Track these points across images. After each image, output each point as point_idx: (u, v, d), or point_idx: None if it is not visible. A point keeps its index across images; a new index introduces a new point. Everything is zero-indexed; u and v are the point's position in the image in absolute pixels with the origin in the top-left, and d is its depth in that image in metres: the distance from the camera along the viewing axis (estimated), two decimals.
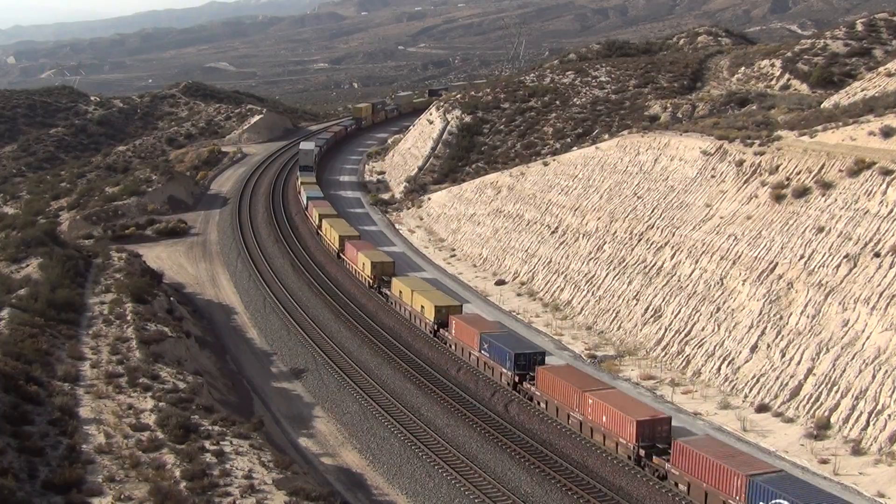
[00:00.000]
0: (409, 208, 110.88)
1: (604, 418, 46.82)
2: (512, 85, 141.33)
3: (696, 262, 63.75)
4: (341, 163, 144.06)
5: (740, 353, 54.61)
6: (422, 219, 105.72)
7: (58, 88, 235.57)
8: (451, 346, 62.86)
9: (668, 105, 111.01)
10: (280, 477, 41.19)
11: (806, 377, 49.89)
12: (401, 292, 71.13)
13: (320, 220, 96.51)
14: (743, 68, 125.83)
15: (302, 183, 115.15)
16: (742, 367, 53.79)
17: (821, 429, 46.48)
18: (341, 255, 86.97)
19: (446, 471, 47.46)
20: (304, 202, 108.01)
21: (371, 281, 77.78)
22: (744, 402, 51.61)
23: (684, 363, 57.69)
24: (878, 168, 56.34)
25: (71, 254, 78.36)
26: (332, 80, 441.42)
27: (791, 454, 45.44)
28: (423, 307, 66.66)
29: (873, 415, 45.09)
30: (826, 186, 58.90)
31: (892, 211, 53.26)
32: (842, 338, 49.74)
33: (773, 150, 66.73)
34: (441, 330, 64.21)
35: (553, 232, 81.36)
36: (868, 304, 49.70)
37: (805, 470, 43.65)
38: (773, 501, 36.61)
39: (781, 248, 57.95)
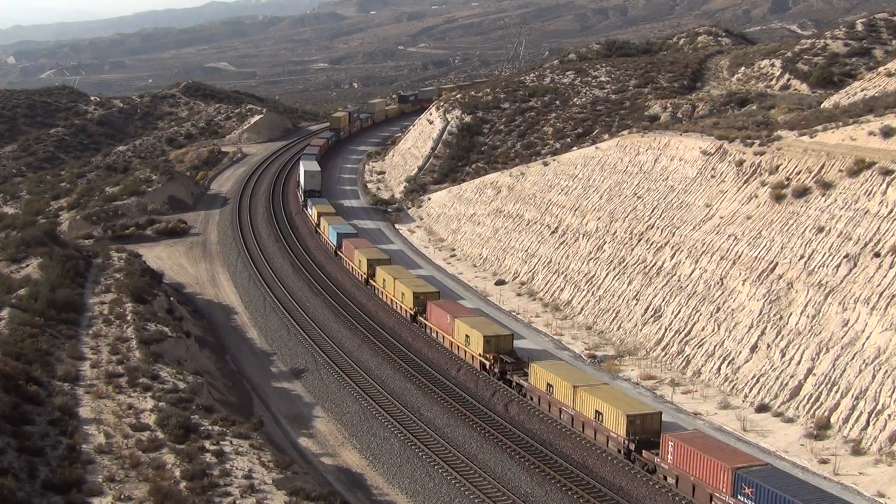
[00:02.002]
0: (409, 208, 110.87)
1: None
2: (512, 85, 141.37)
3: (696, 262, 63.75)
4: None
5: (740, 353, 54.61)
6: (422, 219, 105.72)
7: (58, 88, 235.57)
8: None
9: (668, 105, 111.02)
10: (280, 477, 41.21)
11: (806, 377, 49.90)
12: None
13: (370, 268, 78.15)
14: (743, 68, 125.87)
15: (320, 214, 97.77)
16: (742, 367, 53.79)
17: (821, 429, 46.48)
18: (425, 324, 66.95)
19: (446, 471, 47.47)
20: (332, 240, 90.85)
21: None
22: (744, 402, 51.61)
23: (684, 363, 57.69)
24: (878, 168, 56.34)
25: (71, 254, 78.38)
26: (332, 80, 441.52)
27: (791, 454, 45.44)
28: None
29: (873, 415, 45.09)
30: (826, 186, 58.89)
31: (892, 211, 53.26)
32: (842, 338, 49.73)
33: (773, 150, 66.73)
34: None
35: (553, 232, 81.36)
36: (868, 304, 49.70)
37: (805, 470, 43.66)
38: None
39: (781, 248, 57.95)
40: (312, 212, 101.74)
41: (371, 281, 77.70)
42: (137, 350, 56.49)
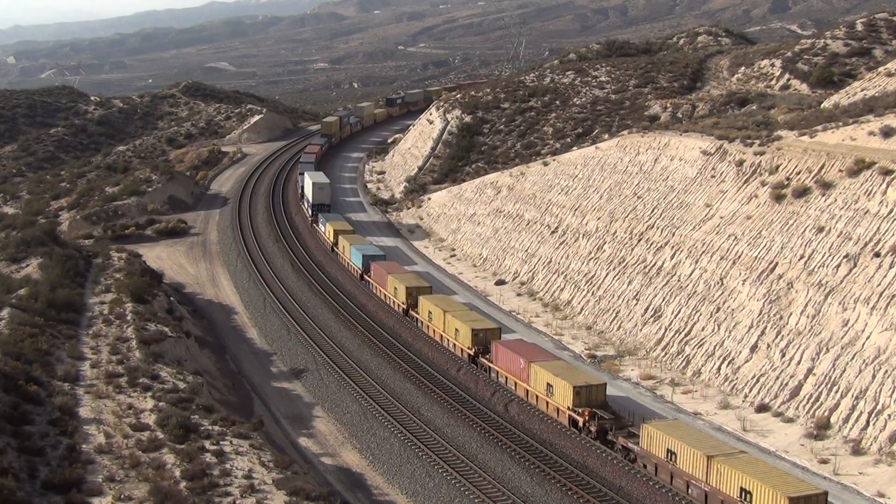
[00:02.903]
0: (409, 208, 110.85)
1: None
2: (512, 85, 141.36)
3: (696, 262, 63.74)
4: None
5: (740, 352, 54.61)
6: (422, 219, 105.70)
7: (58, 88, 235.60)
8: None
9: (668, 105, 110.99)
10: (280, 477, 41.20)
11: (806, 377, 49.90)
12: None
13: (410, 297, 68.50)
14: (743, 68, 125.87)
15: (337, 233, 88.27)
16: (742, 367, 53.78)
17: (821, 429, 46.49)
18: (488, 366, 57.83)
19: (446, 471, 47.46)
20: (356, 263, 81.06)
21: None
22: (744, 401, 51.61)
23: (684, 363, 57.69)
24: (878, 168, 56.34)
25: (71, 254, 78.38)
26: (332, 80, 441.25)
27: (791, 454, 45.45)
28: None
29: (873, 415, 45.10)
30: (826, 186, 58.89)
31: (892, 211, 53.26)
32: (842, 338, 49.74)
33: (773, 150, 66.72)
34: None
35: (553, 232, 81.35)
36: (868, 304, 49.70)
37: (805, 470, 43.67)
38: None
39: (781, 248, 57.95)
40: (326, 230, 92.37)
41: (412, 312, 67.54)
42: (137, 350, 56.49)
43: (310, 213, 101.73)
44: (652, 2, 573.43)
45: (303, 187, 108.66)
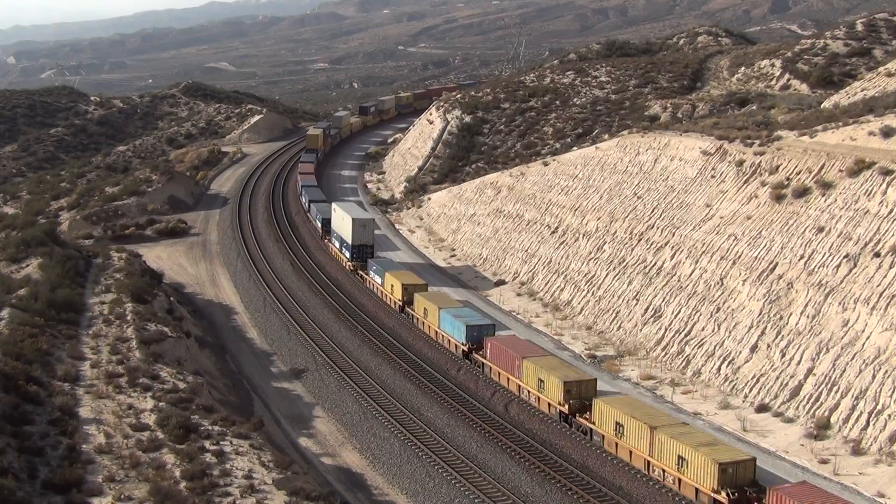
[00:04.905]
0: (409, 208, 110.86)
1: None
2: (512, 85, 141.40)
3: (696, 262, 63.75)
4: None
5: (740, 353, 54.61)
6: (422, 219, 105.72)
7: (58, 88, 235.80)
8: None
9: (668, 105, 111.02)
10: (280, 477, 41.20)
11: (806, 377, 49.89)
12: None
13: (569, 393, 49.52)
14: (743, 68, 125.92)
15: (411, 290, 69.70)
16: (742, 367, 53.79)
17: (821, 429, 46.47)
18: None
19: (446, 471, 47.47)
20: (458, 337, 61.00)
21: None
22: (744, 402, 51.61)
23: (684, 363, 57.69)
24: (878, 168, 56.34)
25: (71, 254, 78.34)
26: (332, 80, 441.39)
27: (791, 454, 45.44)
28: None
29: (873, 415, 45.08)
30: (826, 186, 58.89)
31: (892, 211, 53.25)
32: (842, 338, 49.73)
33: (773, 150, 66.73)
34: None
35: (553, 232, 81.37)
36: (868, 304, 49.69)
37: (805, 470, 43.67)
38: None
39: (781, 248, 57.95)
40: (388, 284, 73.04)
41: (581, 418, 49.04)
42: (137, 350, 56.48)
43: (348, 257, 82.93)
44: (652, 2, 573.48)
45: (326, 221, 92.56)
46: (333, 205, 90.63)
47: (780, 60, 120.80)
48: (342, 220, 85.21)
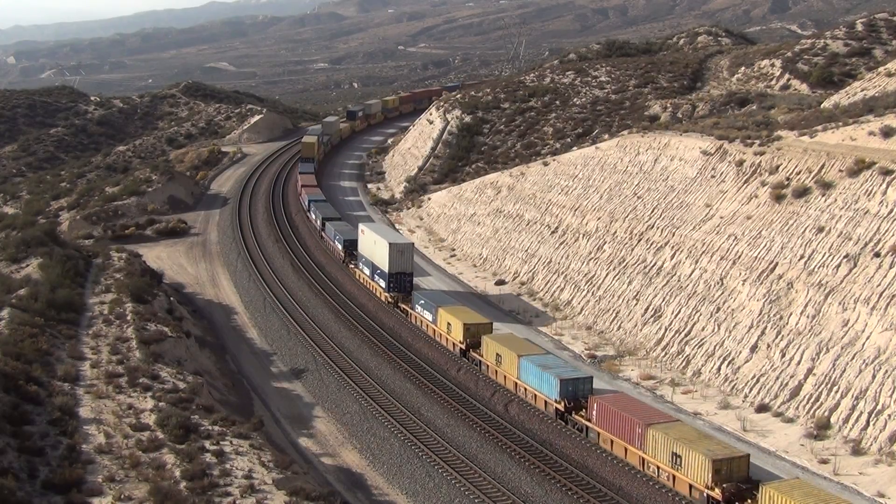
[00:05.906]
0: (409, 208, 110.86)
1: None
2: (512, 85, 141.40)
3: (696, 262, 63.74)
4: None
5: (740, 353, 54.60)
6: (422, 219, 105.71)
7: (58, 88, 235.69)
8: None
9: (668, 105, 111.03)
10: (280, 477, 41.20)
11: (806, 377, 49.89)
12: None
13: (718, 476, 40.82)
14: (743, 68, 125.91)
15: (475, 329, 60.51)
16: (742, 367, 53.78)
17: (821, 429, 46.47)
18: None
19: (446, 471, 47.47)
20: (550, 394, 51.08)
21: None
22: (744, 402, 51.61)
23: (684, 363, 57.69)
24: (878, 168, 56.34)
25: (71, 254, 78.31)
26: (332, 80, 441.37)
27: (791, 454, 45.44)
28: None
29: (873, 415, 45.09)
30: (826, 186, 58.89)
31: (892, 211, 53.26)
32: (842, 338, 49.73)
33: (773, 150, 66.73)
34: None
35: (553, 232, 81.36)
36: (868, 304, 49.69)
37: (805, 470, 43.67)
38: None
39: (781, 248, 57.94)
40: (443, 322, 63.37)
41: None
42: (137, 350, 56.48)
43: (383, 287, 73.43)
44: (652, 2, 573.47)
45: (349, 243, 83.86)
46: (361, 226, 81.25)
47: (780, 60, 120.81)
48: (374, 245, 75.91)
